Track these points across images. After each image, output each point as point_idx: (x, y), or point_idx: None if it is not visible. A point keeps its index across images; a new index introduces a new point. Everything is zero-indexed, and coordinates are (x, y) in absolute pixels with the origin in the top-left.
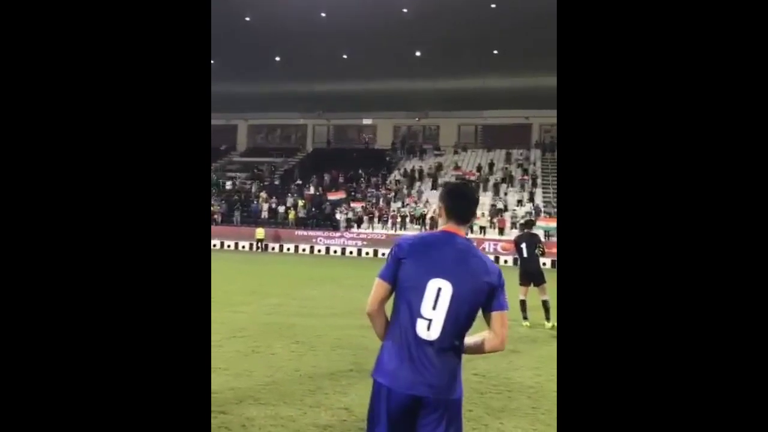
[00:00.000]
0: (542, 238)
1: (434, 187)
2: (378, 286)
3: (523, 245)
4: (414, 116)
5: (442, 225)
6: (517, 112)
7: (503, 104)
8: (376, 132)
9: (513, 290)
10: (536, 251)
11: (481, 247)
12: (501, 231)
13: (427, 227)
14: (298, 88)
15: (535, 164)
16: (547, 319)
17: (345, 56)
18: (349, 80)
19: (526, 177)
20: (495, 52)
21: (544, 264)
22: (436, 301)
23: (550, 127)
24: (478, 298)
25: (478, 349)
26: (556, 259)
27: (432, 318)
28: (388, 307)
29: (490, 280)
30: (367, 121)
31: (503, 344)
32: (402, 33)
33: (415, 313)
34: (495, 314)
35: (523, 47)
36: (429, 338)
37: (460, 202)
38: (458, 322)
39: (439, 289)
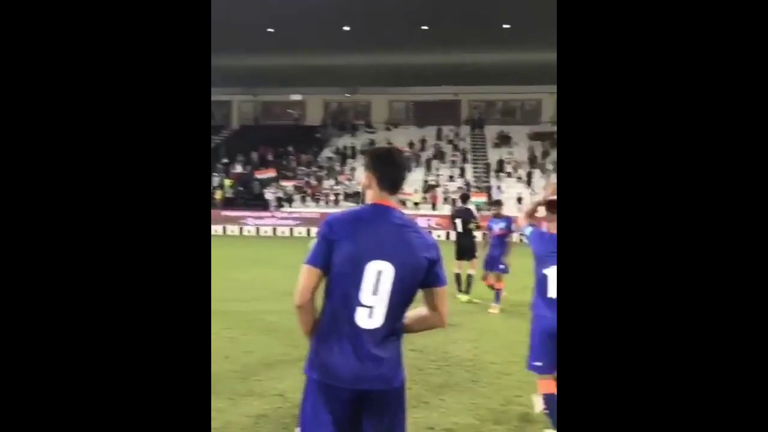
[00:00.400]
0: (475, 213)
1: None
2: (308, 274)
3: (458, 221)
4: (344, 92)
5: (373, 197)
6: (446, 88)
7: (433, 80)
8: (306, 108)
9: (447, 264)
10: (470, 226)
11: None
12: (434, 206)
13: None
14: (222, 63)
15: (465, 140)
16: (467, 292)
17: (271, 29)
18: (275, 54)
19: (456, 153)
20: (424, 27)
21: (475, 237)
22: (376, 286)
23: (478, 104)
24: (418, 275)
25: (419, 327)
26: (483, 233)
27: (373, 305)
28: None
29: (429, 256)
30: (295, 97)
31: (444, 321)
32: (330, 6)
33: (353, 302)
34: (435, 290)
35: (451, 23)
36: (370, 327)
37: (392, 168)
38: (401, 305)
39: (380, 272)
